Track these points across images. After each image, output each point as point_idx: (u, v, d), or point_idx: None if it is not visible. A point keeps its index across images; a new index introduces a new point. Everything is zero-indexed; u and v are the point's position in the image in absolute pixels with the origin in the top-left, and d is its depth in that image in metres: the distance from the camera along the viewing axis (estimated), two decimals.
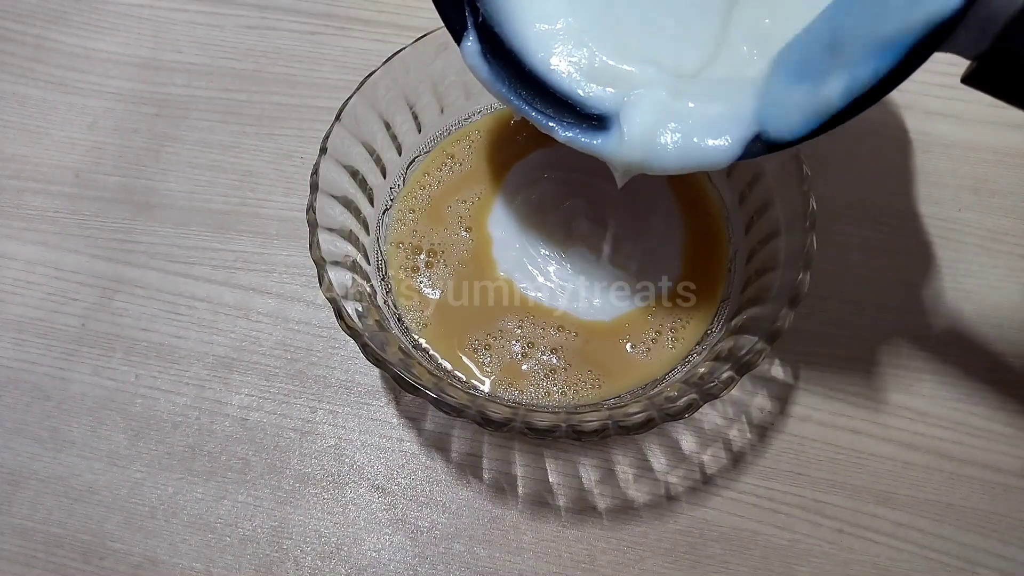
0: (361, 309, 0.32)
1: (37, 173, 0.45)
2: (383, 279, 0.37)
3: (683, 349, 0.36)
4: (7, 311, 0.41)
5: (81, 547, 0.36)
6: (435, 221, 0.39)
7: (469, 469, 0.36)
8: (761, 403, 0.37)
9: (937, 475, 0.36)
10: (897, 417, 0.37)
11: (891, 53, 0.23)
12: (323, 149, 0.34)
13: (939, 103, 0.45)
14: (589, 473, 0.36)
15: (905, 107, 0.45)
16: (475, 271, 0.38)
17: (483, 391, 0.35)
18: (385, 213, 0.39)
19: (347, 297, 0.32)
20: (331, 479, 0.37)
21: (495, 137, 0.41)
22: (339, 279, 0.32)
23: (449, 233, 0.39)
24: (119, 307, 0.41)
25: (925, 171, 0.43)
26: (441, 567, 0.35)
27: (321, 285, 0.31)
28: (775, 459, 0.36)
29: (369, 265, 0.36)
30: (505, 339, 0.36)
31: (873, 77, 0.23)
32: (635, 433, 0.32)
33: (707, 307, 0.36)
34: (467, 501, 0.36)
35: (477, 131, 0.41)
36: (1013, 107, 0.24)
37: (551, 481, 0.36)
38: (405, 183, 0.40)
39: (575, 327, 0.36)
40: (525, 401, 0.35)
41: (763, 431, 0.37)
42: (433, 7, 0.32)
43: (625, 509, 0.35)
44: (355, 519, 0.36)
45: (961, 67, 0.24)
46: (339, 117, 0.35)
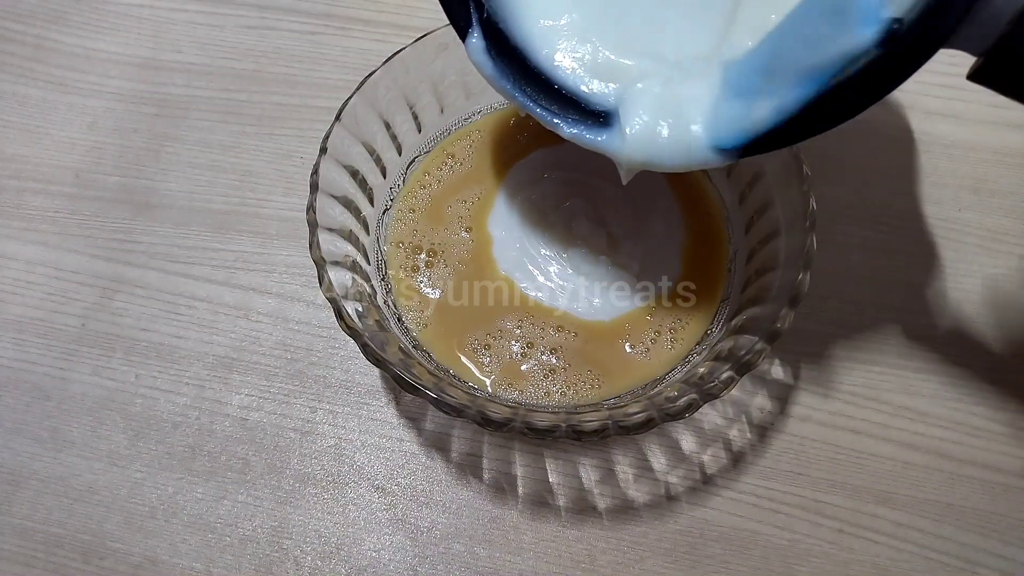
0: (361, 309, 0.32)
1: (37, 173, 0.45)
2: (383, 279, 0.37)
3: (683, 349, 0.36)
4: (7, 311, 0.41)
5: (81, 547, 0.36)
6: (435, 221, 0.39)
7: (469, 469, 0.36)
8: (761, 403, 0.37)
9: (937, 475, 0.36)
10: (897, 417, 0.37)
11: (813, 83, 0.24)
12: (323, 149, 0.34)
13: (939, 103, 0.45)
14: (589, 473, 0.36)
15: (905, 107, 0.45)
16: (475, 271, 0.38)
17: (483, 391, 0.35)
18: (385, 213, 0.39)
19: (347, 297, 0.32)
20: (331, 479, 0.37)
21: (495, 137, 0.41)
22: (339, 279, 0.32)
23: (449, 233, 0.39)
24: (119, 307, 0.41)
25: (925, 171, 0.43)
26: (441, 567, 0.35)
27: (321, 285, 0.31)
28: (775, 459, 0.36)
29: (369, 265, 0.36)
30: (505, 339, 0.36)
31: (797, 104, 0.25)
32: (635, 433, 0.32)
33: (707, 307, 0.36)
34: (467, 501, 0.36)
35: (477, 131, 0.41)
36: (1017, 104, 0.24)
37: (551, 481, 0.36)
38: (405, 183, 0.40)
39: (575, 327, 0.36)
40: (525, 401, 0.35)
41: (763, 431, 0.37)
42: (434, 6, 0.31)
43: (625, 509, 0.35)
44: (355, 519, 0.36)
45: (963, 66, 0.24)
46: (339, 117, 0.35)
